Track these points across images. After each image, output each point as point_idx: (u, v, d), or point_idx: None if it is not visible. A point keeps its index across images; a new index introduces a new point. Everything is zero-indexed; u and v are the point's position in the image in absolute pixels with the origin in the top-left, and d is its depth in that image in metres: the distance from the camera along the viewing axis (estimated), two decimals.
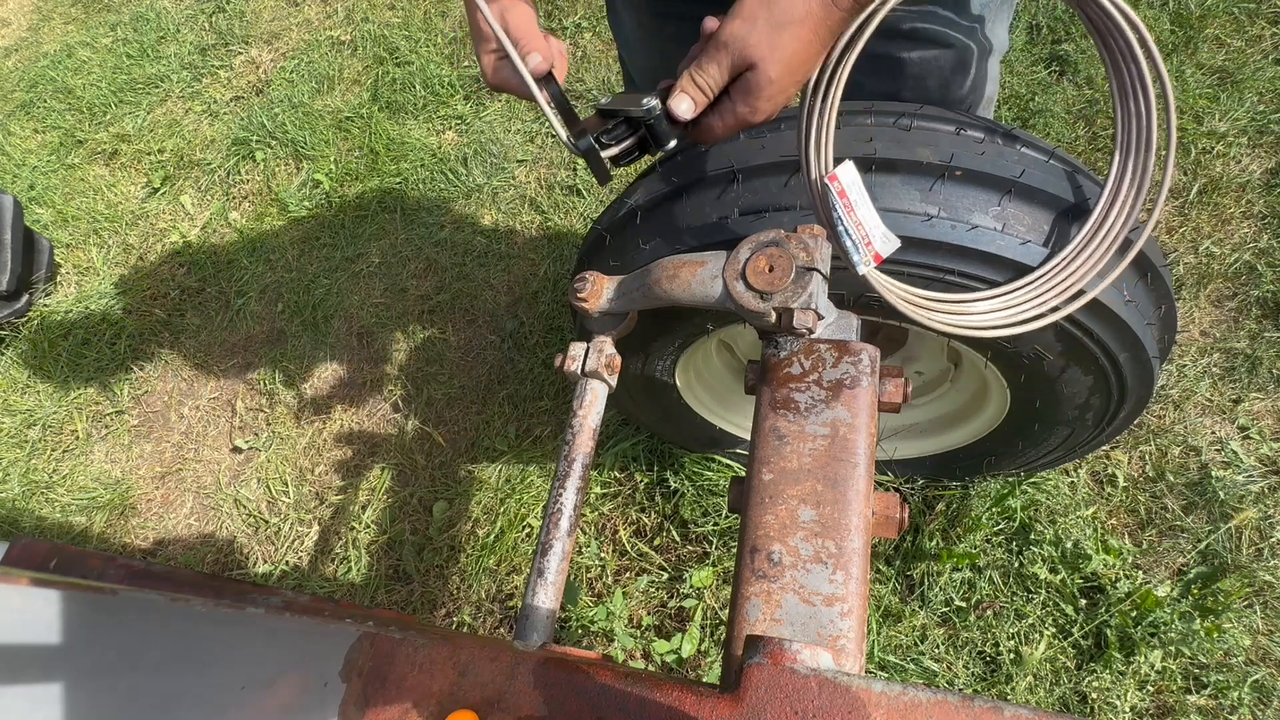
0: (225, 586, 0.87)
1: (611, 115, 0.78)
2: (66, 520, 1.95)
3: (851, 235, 0.70)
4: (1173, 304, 0.99)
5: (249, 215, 2.45)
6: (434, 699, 0.63)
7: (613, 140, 0.78)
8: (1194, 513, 1.50)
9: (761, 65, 0.70)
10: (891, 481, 1.59)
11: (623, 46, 1.24)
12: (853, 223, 0.70)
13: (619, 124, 0.78)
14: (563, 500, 0.88)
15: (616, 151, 0.79)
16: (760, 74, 0.71)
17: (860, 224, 0.69)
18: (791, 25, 0.69)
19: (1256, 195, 1.81)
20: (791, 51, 0.70)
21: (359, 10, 2.87)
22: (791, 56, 0.70)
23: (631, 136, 0.79)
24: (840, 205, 0.70)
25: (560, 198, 2.22)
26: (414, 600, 1.70)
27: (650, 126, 0.76)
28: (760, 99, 0.73)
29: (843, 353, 0.82)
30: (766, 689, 0.56)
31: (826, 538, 0.73)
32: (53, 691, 0.64)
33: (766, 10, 0.68)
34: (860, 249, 0.69)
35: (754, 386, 0.87)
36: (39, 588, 0.67)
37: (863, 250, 0.69)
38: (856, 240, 0.70)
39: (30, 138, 2.86)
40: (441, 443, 1.89)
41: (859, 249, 0.69)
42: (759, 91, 0.72)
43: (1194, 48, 2.04)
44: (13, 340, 2.28)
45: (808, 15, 0.69)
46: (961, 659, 1.44)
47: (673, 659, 1.50)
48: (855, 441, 0.77)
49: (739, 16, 0.70)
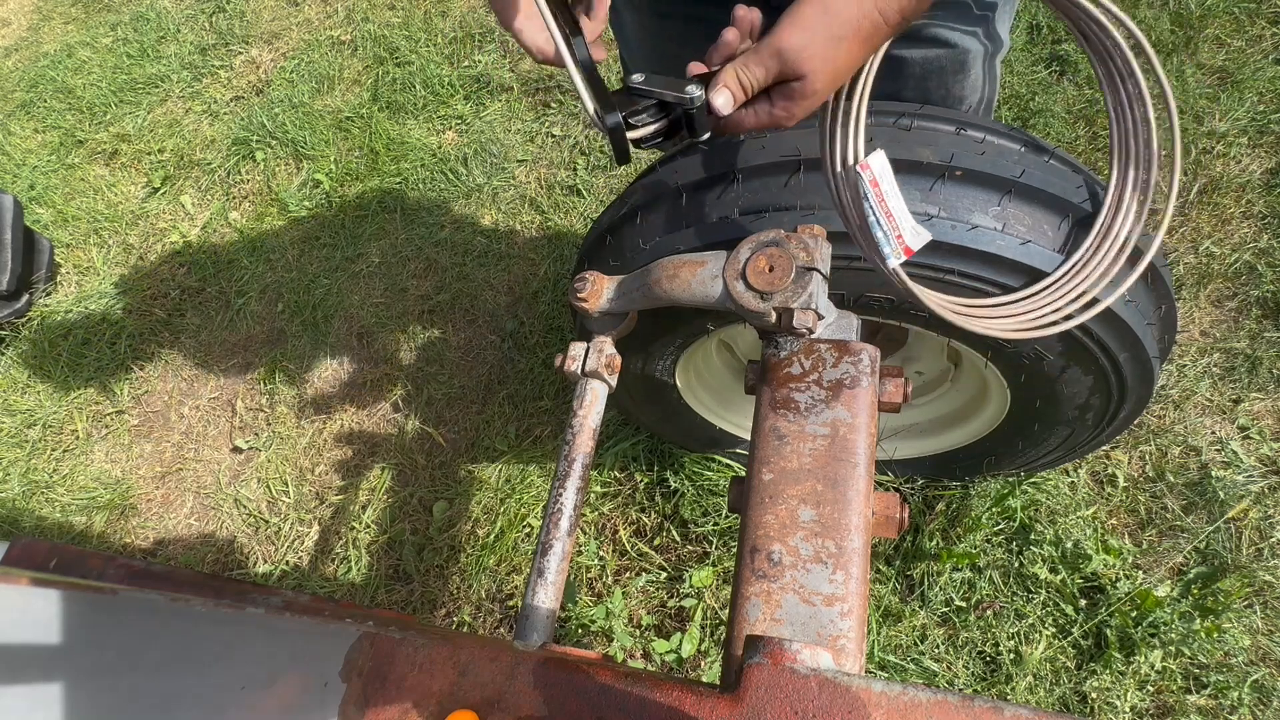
0: (225, 586, 0.87)
1: (642, 95, 0.76)
2: (66, 520, 1.95)
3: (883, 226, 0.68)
4: (1173, 304, 0.99)
5: (249, 215, 2.45)
6: (434, 699, 0.63)
7: (641, 122, 0.76)
8: (1194, 513, 1.50)
9: (811, 77, 0.70)
10: (891, 481, 1.59)
11: (623, 46, 1.24)
12: (884, 213, 0.68)
13: (651, 106, 0.76)
14: (563, 500, 0.88)
15: (644, 134, 0.77)
16: (809, 84, 0.71)
17: (891, 214, 0.68)
18: (848, 39, 0.68)
19: (1257, 195, 1.81)
20: (844, 65, 0.70)
21: (359, 10, 2.87)
22: (840, 69, 0.71)
23: (661, 120, 0.77)
24: (872, 194, 0.68)
25: (560, 198, 2.22)
26: (414, 600, 1.70)
27: (690, 115, 0.75)
28: (800, 107, 0.73)
29: (843, 353, 0.82)
30: (766, 689, 0.56)
31: (826, 538, 0.73)
32: (53, 691, 0.64)
33: (825, 22, 0.68)
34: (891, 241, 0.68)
35: (754, 386, 0.87)
36: (39, 588, 0.67)
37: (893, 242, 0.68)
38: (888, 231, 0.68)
39: (30, 137, 2.86)
40: (441, 442, 1.89)
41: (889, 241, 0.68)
42: (802, 100, 0.72)
43: (1194, 48, 2.04)
44: (13, 340, 2.28)
45: (860, 29, 0.68)
46: (961, 659, 1.44)
47: (672, 659, 1.50)
48: (855, 441, 0.77)
49: (798, 25, 0.69)
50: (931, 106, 0.96)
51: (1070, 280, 0.84)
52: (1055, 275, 0.85)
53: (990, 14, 0.97)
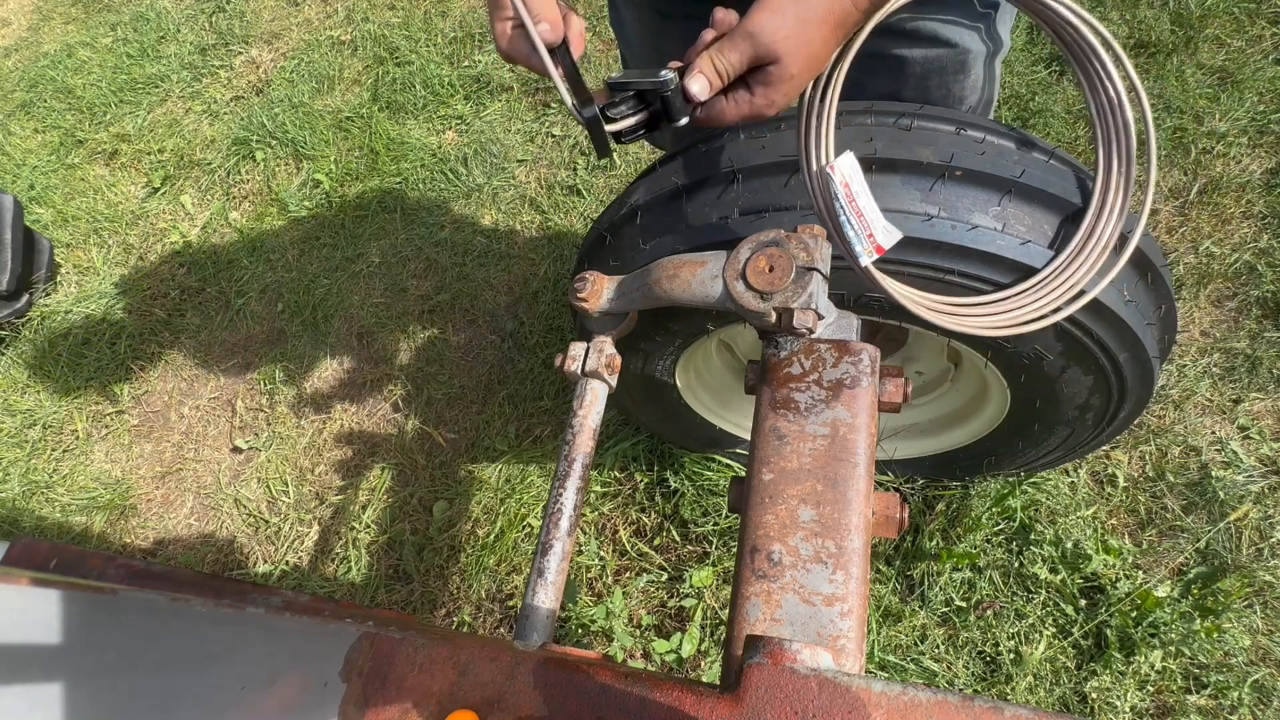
0: (225, 586, 0.87)
1: (621, 89, 0.77)
2: (66, 520, 1.95)
3: (854, 225, 0.69)
4: (1173, 304, 0.99)
5: (249, 215, 2.45)
6: (434, 699, 0.63)
7: (619, 115, 0.77)
8: (1194, 513, 1.50)
9: (785, 60, 0.71)
10: (891, 481, 1.59)
11: (624, 45, 1.24)
12: (854, 213, 0.70)
13: (628, 98, 0.77)
14: (563, 500, 0.88)
15: (623, 126, 0.78)
16: (783, 68, 0.71)
17: (862, 214, 0.69)
18: (817, 22, 0.70)
19: (1257, 195, 1.81)
20: (817, 48, 0.72)
21: (359, 10, 2.87)
22: (815, 53, 0.72)
23: (642, 112, 0.78)
24: (842, 194, 0.70)
25: (560, 197, 2.22)
26: (414, 600, 1.70)
27: (665, 100, 0.75)
28: (778, 92, 0.74)
29: (843, 353, 0.82)
30: (766, 689, 0.56)
31: (826, 538, 0.73)
32: (53, 691, 0.64)
33: (795, 7, 0.69)
34: (862, 240, 0.69)
35: (754, 386, 0.87)
36: (39, 588, 0.67)
37: (865, 241, 0.69)
38: (859, 231, 0.70)
39: (30, 137, 2.86)
40: (441, 443, 1.89)
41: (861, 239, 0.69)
42: (779, 85, 0.73)
43: (1194, 47, 2.04)
44: (13, 340, 2.28)
45: (830, 13, 0.70)
46: (961, 659, 1.44)
47: (672, 659, 1.50)
48: (855, 441, 0.77)
49: (768, 8, 0.70)
50: (931, 106, 0.95)
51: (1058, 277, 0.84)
52: (1043, 273, 0.86)
53: (992, 12, 0.97)
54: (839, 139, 0.85)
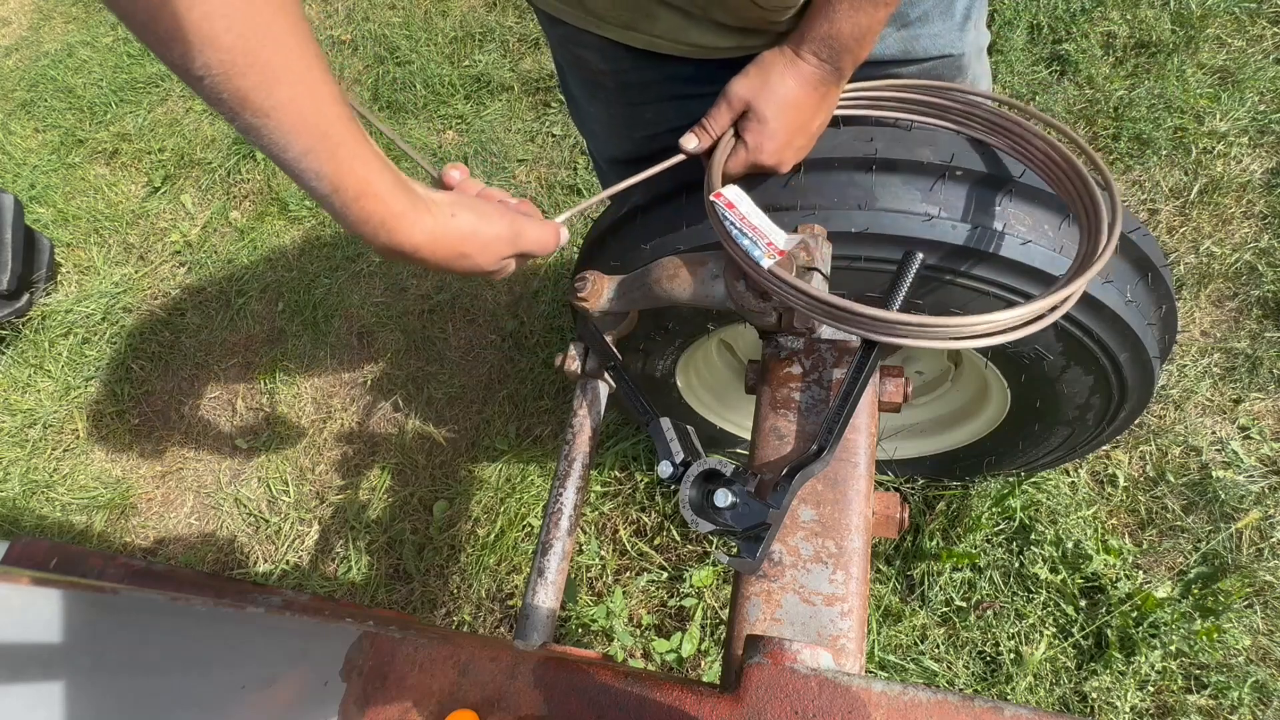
0: (225, 586, 0.87)
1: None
2: (67, 519, 1.95)
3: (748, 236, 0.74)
4: (1173, 304, 0.99)
5: (249, 214, 2.45)
6: (434, 698, 0.63)
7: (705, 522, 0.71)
8: (1194, 513, 1.49)
9: (755, 104, 0.81)
10: (891, 481, 1.58)
11: (590, 139, 1.22)
12: (748, 228, 0.75)
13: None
14: (563, 500, 0.88)
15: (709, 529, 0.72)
16: (756, 111, 0.81)
17: (756, 229, 0.75)
18: (780, 74, 0.80)
19: (1257, 195, 1.81)
20: (781, 96, 0.80)
21: (359, 9, 2.87)
22: (782, 100, 0.80)
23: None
24: (730, 214, 0.76)
25: (560, 197, 2.22)
26: (414, 599, 1.70)
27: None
28: (761, 136, 0.82)
29: (843, 352, 0.82)
30: (766, 689, 0.56)
31: (827, 537, 0.73)
32: (53, 691, 0.64)
33: (759, 67, 0.81)
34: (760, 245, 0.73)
35: (754, 386, 0.87)
36: (39, 587, 0.67)
37: (762, 246, 0.73)
38: (754, 239, 0.74)
39: (31, 137, 2.86)
40: (441, 442, 1.89)
41: (758, 245, 0.73)
42: (758, 128, 0.82)
43: (1195, 47, 2.04)
44: (13, 340, 2.28)
45: (788, 67, 0.80)
46: (961, 659, 1.44)
47: (673, 658, 1.50)
48: (855, 441, 0.77)
49: (738, 74, 0.82)
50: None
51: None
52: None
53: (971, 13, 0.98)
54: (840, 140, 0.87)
